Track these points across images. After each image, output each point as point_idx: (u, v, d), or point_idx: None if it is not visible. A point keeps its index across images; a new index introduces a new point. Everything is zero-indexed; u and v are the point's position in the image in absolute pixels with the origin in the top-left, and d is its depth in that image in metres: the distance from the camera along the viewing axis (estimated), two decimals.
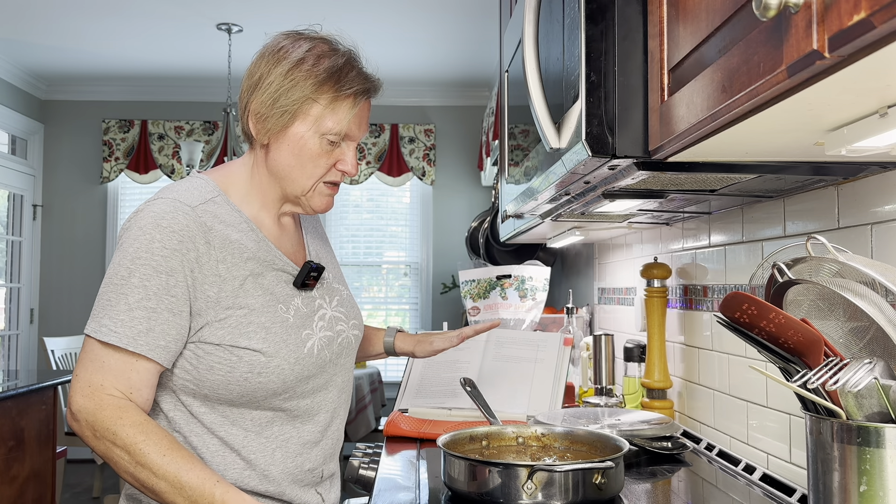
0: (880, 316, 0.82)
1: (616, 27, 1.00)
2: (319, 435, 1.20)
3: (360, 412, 4.03)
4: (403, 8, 3.98)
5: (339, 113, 1.12)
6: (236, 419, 1.12)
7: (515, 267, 2.41)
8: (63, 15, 4.10)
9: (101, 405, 1.02)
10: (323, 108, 1.11)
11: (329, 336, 1.19)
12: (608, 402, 1.84)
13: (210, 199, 1.12)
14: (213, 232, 1.08)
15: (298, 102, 1.11)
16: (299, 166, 1.14)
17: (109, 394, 1.03)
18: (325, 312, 1.21)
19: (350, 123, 1.14)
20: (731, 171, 1.04)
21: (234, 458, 1.12)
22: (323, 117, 1.12)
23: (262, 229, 1.17)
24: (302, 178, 1.15)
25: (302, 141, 1.13)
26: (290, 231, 1.24)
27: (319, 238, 1.34)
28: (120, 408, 1.02)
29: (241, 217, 1.14)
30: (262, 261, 1.13)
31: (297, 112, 1.11)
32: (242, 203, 1.16)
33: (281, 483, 1.15)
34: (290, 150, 1.13)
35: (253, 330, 1.09)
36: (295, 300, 1.16)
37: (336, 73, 1.12)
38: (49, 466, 3.10)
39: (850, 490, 0.81)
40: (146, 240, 1.05)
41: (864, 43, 0.53)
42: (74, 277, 5.35)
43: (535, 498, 1.09)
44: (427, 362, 2.00)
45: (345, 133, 1.14)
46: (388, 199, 5.55)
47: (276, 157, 1.15)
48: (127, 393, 1.04)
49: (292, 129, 1.12)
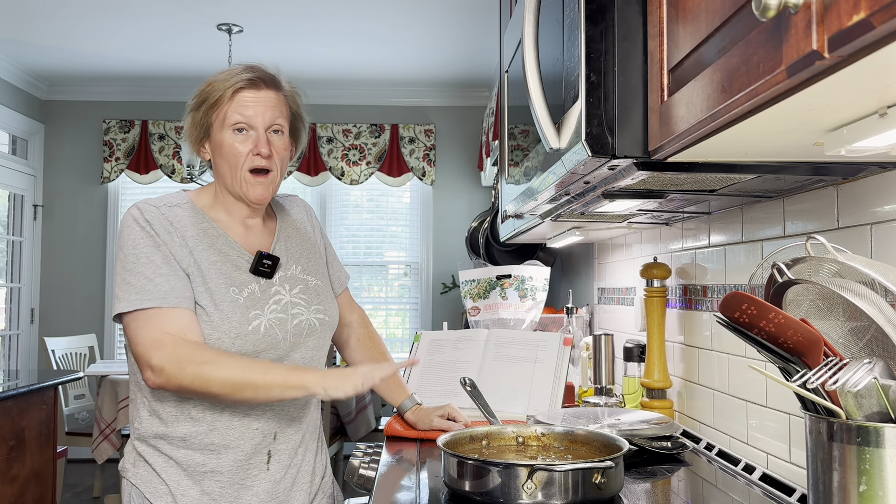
0: (880, 316, 0.83)
1: (616, 27, 1.00)
2: (276, 403, 1.38)
3: (360, 412, 4.03)
4: (403, 8, 3.98)
5: (235, 102, 1.33)
6: None
7: (515, 267, 2.41)
8: (63, 15, 4.10)
9: (175, 344, 1.24)
10: (223, 106, 1.33)
11: (281, 318, 1.37)
12: (608, 401, 1.84)
13: (176, 205, 1.36)
14: (174, 224, 1.33)
15: (204, 114, 1.35)
16: (225, 163, 1.36)
17: (173, 335, 1.25)
18: (282, 298, 1.39)
19: (246, 109, 1.33)
20: (731, 171, 1.04)
21: (184, 417, 1.32)
22: (225, 112, 1.34)
23: (228, 229, 1.39)
24: (230, 172, 1.36)
25: (219, 141, 1.35)
26: (257, 232, 1.44)
27: (300, 240, 1.51)
28: (188, 341, 1.26)
29: (203, 218, 1.37)
30: (219, 250, 1.35)
31: (208, 122, 1.35)
32: (210, 211, 1.40)
33: (227, 436, 1.33)
34: (218, 154, 1.36)
35: (206, 301, 1.30)
36: (251, 285, 1.36)
37: (226, 77, 1.35)
38: (49, 466, 3.11)
39: (849, 490, 0.81)
40: (132, 232, 1.30)
41: (864, 43, 0.53)
42: (75, 277, 5.35)
43: (534, 498, 1.09)
44: (427, 362, 2.00)
45: (245, 119, 1.33)
46: (388, 200, 5.55)
47: (216, 166, 1.38)
48: (182, 336, 1.26)
49: (212, 138, 1.36)
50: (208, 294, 1.31)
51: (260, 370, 1.26)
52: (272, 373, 1.26)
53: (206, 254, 1.34)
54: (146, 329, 1.26)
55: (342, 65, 4.93)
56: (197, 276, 1.31)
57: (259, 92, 1.35)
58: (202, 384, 1.23)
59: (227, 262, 1.35)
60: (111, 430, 3.68)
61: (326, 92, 5.33)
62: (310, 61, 4.83)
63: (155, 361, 1.23)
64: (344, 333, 1.68)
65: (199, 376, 1.23)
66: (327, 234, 5.95)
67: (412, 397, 1.70)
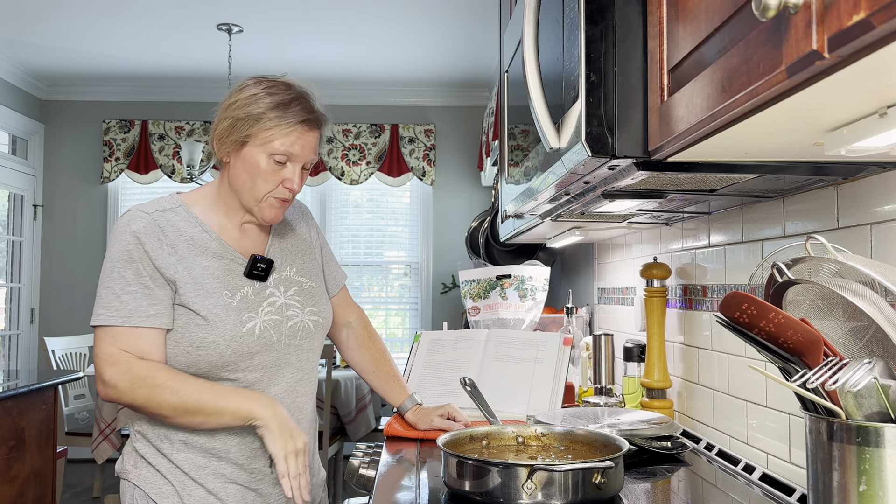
0: (880, 316, 0.83)
1: (616, 27, 1.00)
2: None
3: (360, 412, 4.03)
4: (403, 8, 3.98)
5: (287, 136, 1.33)
6: None
7: (515, 267, 2.41)
8: (63, 15, 4.10)
9: (129, 363, 1.27)
10: (271, 133, 1.32)
11: (276, 320, 1.39)
12: (608, 401, 1.84)
13: (168, 209, 1.37)
14: (164, 231, 1.33)
15: (249, 126, 1.32)
16: (251, 182, 1.35)
17: (129, 355, 1.28)
18: (277, 300, 1.41)
19: (293, 146, 1.33)
20: (731, 171, 1.04)
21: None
22: (271, 140, 1.32)
23: (222, 232, 1.39)
24: (253, 191, 1.35)
25: (253, 160, 1.34)
26: (252, 234, 1.44)
27: (295, 241, 1.52)
28: (144, 361, 1.28)
29: (196, 222, 1.38)
30: (212, 254, 1.36)
31: (248, 135, 1.33)
32: (206, 212, 1.40)
33: (227, 441, 1.34)
34: (244, 167, 1.35)
35: (199, 307, 1.31)
36: (245, 288, 1.37)
37: (283, 104, 1.33)
38: (49, 466, 3.11)
39: (849, 490, 0.81)
40: (117, 243, 1.32)
41: (864, 43, 0.53)
42: (75, 277, 5.35)
43: (534, 497, 1.09)
44: (427, 362, 2.00)
45: (289, 155, 1.34)
46: (388, 199, 5.55)
47: (234, 174, 1.37)
48: (138, 356, 1.29)
49: (245, 150, 1.34)
50: (201, 298, 1.31)
51: (212, 397, 1.27)
52: (225, 399, 1.28)
53: (198, 258, 1.34)
54: (104, 344, 1.29)
55: (342, 65, 4.93)
56: (188, 282, 1.32)
57: (310, 132, 1.37)
58: (154, 407, 1.27)
59: (221, 265, 1.36)
60: (111, 430, 3.68)
61: (326, 92, 5.27)
62: (310, 61, 4.83)
63: (107, 377, 1.27)
64: (343, 334, 1.68)
65: (152, 399, 1.26)
66: (326, 236, 5.95)
67: (412, 397, 1.70)
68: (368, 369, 1.69)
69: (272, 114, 1.32)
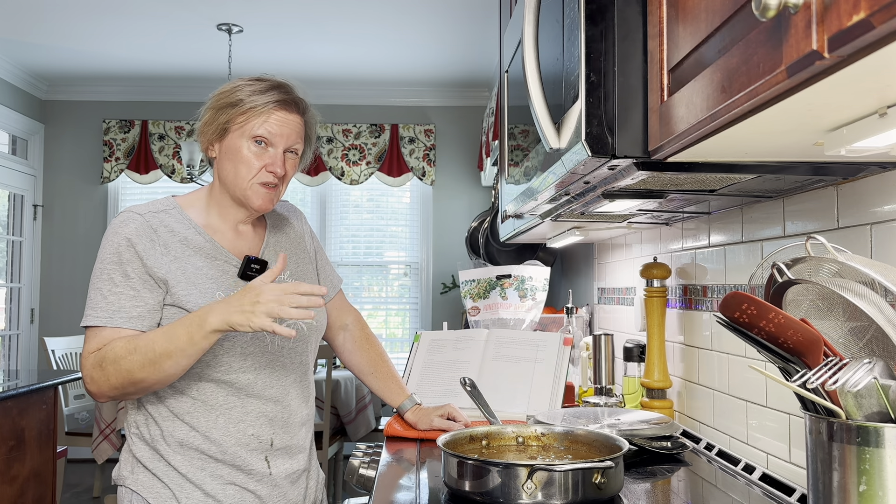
0: (880, 316, 0.83)
1: (616, 28, 1.00)
2: (267, 407, 1.39)
3: (359, 412, 4.03)
4: (403, 8, 3.97)
5: (263, 117, 1.35)
6: (184, 389, 1.34)
7: (515, 267, 2.41)
8: (63, 15, 4.10)
9: (98, 356, 1.28)
10: (251, 117, 1.35)
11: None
12: (608, 401, 1.84)
13: (162, 210, 1.38)
14: (157, 232, 1.34)
15: (227, 113, 1.36)
16: (234, 170, 1.37)
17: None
18: None
19: (271, 126, 1.36)
20: (731, 171, 1.04)
21: (179, 423, 1.34)
22: (248, 122, 1.35)
23: (216, 233, 1.41)
24: (238, 179, 1.37)
25: (235, 147, 1.36)
26: (247, 236, 1.46)
27: (289, 244, 1.53)
28: (106, 346, 1.29)
29: (190, 223, 1.39)
30: (206, 255, 1.37)
31: (227, 121, 1.36)
32: (200, 214, 1.42)
33: (223, 444, 1.34)
34: (227, 157, 1.38)
35: (192, 305, 1.31)
36: (238, 289, 1.34)
37: (260, 90, 1.37)
38: (49, 466, 3.11)
39: (849, 490, 0.81)
40: (108, 245, 1.33)
41: (864, 43, 0.53)
42: (75, 277, 5.34)
43: (534, 497, 1.09)
44: (427, 362, 2.00)
45: (269, 136, 1.36)
46: (388, 199, 5.55)
47: (221, 167, 1.39)
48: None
49: (227, 140, 1.37)
50: (194, 297, 1.32)
51: (164, 337, 1.24)
52: (175, 332, 1.24)
53: (192, 258, 1.35)
54: (90, 343, 1.31)
55: (342, 65, 4.93)
56: (181, 280, 1.32)
57: (288, 115, 1.38)
58: (129, 377, 1.25)
59: (214, 266, 1.37)
60: (111, 430, 3.68)
61: (326, 92, 5.33)
62: (310, 61, 4.83)
63: (85, 374, 1.30)
64: (340, 336, 1.68)
65: (121, 372, 1.25)
66: (326, 236, 5.93)
67: (411, 397, 1.70)
68: (366, 371, 1.69)
69: (248, 98, 1.36)
